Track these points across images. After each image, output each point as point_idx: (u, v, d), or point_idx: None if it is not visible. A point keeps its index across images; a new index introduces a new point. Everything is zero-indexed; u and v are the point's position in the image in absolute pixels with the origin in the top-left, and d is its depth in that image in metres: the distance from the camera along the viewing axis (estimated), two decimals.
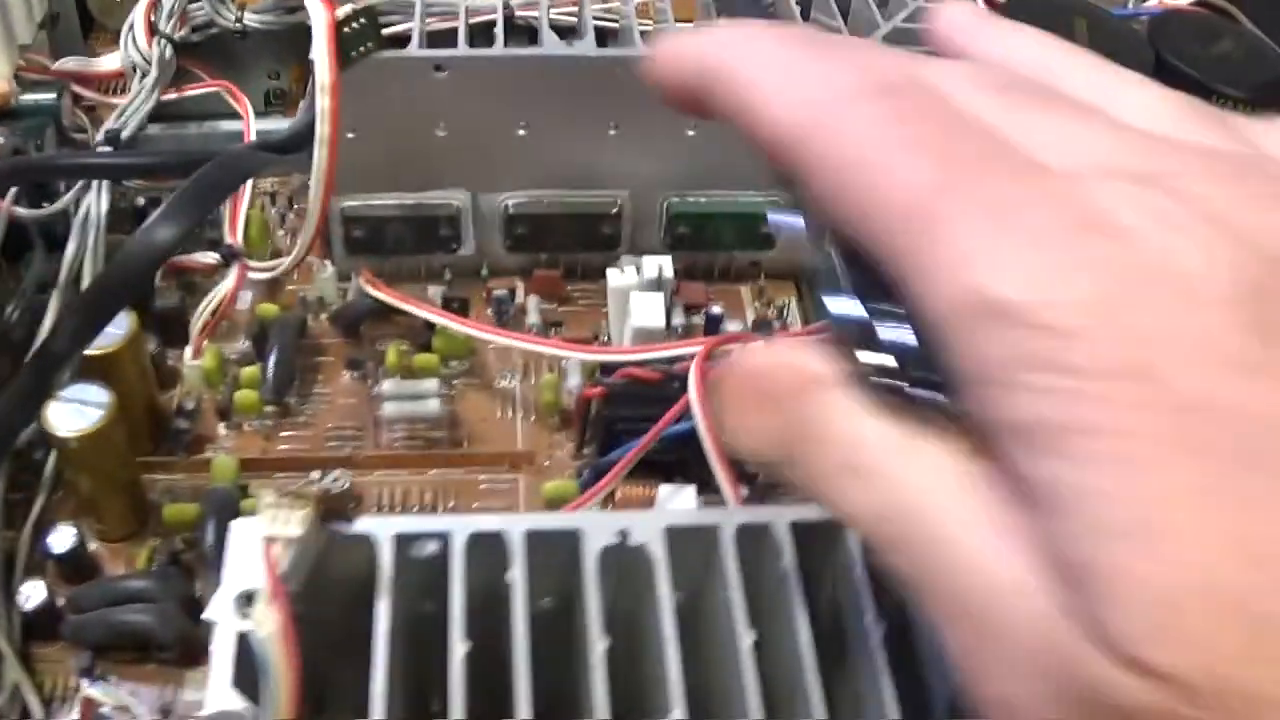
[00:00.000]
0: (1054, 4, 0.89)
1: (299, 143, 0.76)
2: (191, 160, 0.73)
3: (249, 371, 0.78)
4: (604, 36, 0.83)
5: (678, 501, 0.69)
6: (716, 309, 0.83)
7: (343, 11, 0.73)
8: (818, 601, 0.55)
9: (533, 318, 0.83)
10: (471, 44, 0.79)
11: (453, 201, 0.82)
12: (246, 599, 0.50)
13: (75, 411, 0.68)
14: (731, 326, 0.82)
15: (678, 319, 0.82)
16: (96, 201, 0.81)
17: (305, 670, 0.54)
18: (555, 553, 0.53)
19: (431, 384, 0.76)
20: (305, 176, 0.86)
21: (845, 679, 0.53)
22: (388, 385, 0.76)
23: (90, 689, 0.66)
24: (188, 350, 0.80)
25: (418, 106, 0.79)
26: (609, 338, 0.83)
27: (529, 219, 0.83)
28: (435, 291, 0.84)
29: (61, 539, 0.70)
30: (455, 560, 0.52)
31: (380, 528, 0.53)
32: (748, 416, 0.36)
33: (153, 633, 0.67)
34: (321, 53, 0.72)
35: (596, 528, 0.53)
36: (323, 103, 0.72)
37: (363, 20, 0.74)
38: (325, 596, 0.53)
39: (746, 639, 0.51)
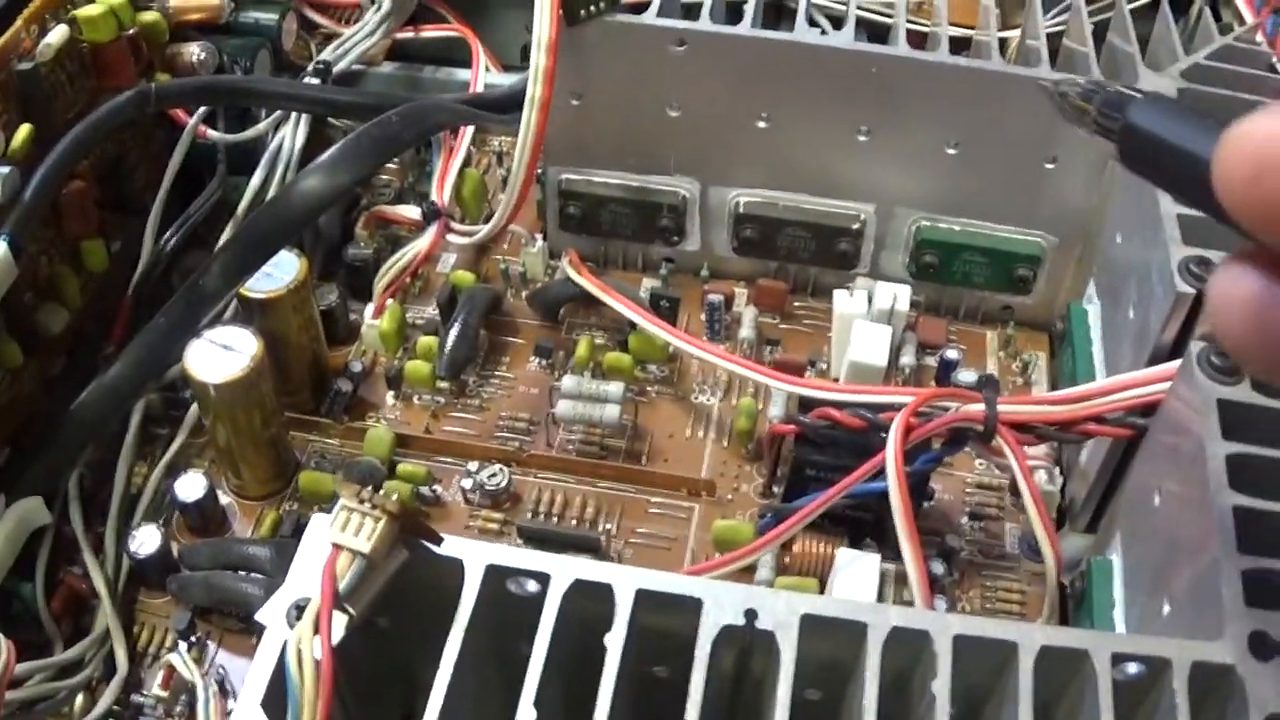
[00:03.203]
0: None
1: (514, 102, 0.69)
2: (387, 105, 0.68)
3: (426, 341, 0.72)
4: (870, 31, 0.74)
5: (856, 570, 0.61)
6: (953, 353, 0.74)
7: None
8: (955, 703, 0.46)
9: (747, 331, 0.75)
10: (718, 19, 0.70)
11: (680, 190, 0.75)
12: (298, 610, 0.44)
13: (219, 355, 0.63)
14: (966, 376, 0.72)
15: (907, 358, 0.73)
16: (293, 135, 0.76)
17: (372, 681, 0.48)
18: (668, 619, 0.46)
19: (615, 388, 0.69)
20: None
21: None
22: (567, 382, 0.69)
23: (171, 655, 0.61)
24: (369, 308, 0.74)
25: (651, 80, 0.71)
26: (827, 367, 0.74)
27: (760, 221, 0.75)
28: (647, 286, 0.77)
29: (189, 487, 0.66)
30: (546, 614, 0.45)
31: (471, 555, 0.46)
32: None
33: (255, 606, 0.61)
34: (544, 6, 0.65)
35: (720, 601, 0.45)
36: (539, 60, 0.66)
37: None
38: (416, 605, 0.47)
39: None
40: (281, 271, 0.66)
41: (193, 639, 0.63)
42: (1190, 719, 0.44)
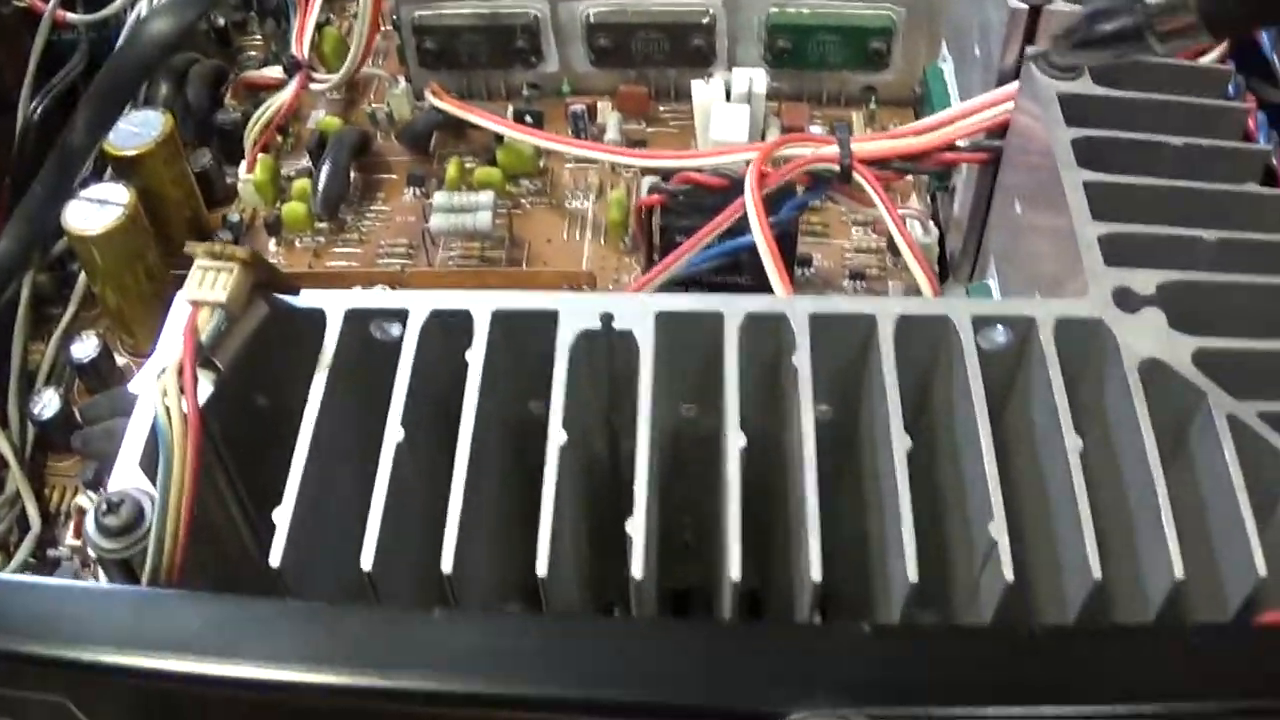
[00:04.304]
0: None
1: None
2: None
3: (300, 184, 0.73)
4: None
5: None
6: (816, 129, 0.75)
7: None
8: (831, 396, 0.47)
9: (612, 134, 0.76)
10: None
11: (529, 10, 0.75)
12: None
13: (96, 209, 0.64)
14: None
15: (772, 138, 0.74)
16: (150, 5, 0.76)
17: (245, 457, 0.49)
18: (527, 337, 0.47)
19: (485, 196, 0.70)
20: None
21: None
22: (438, 198, 0.70)
23: (79, 499, 0.62)
24: (243, 165, 0.74)
25: None
26: None
27: (612, 29, 0.76)
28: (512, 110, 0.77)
29: (84, 348, 0.66)
30: (408, 341, 0.46)
31: (331, 302, 0.47)
32: None
33: None
34: None
35: (575, 310, 0.46)
36: None
37: None
38: (291, 380, 0.47)
39: (738, 441, 0.44)
40: (148, 128, 0.68)
41: (101, 490, 0.63)
42: (1061, 373, 0.45)
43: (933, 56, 0.75)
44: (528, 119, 0.75)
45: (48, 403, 0.65)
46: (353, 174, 0.75)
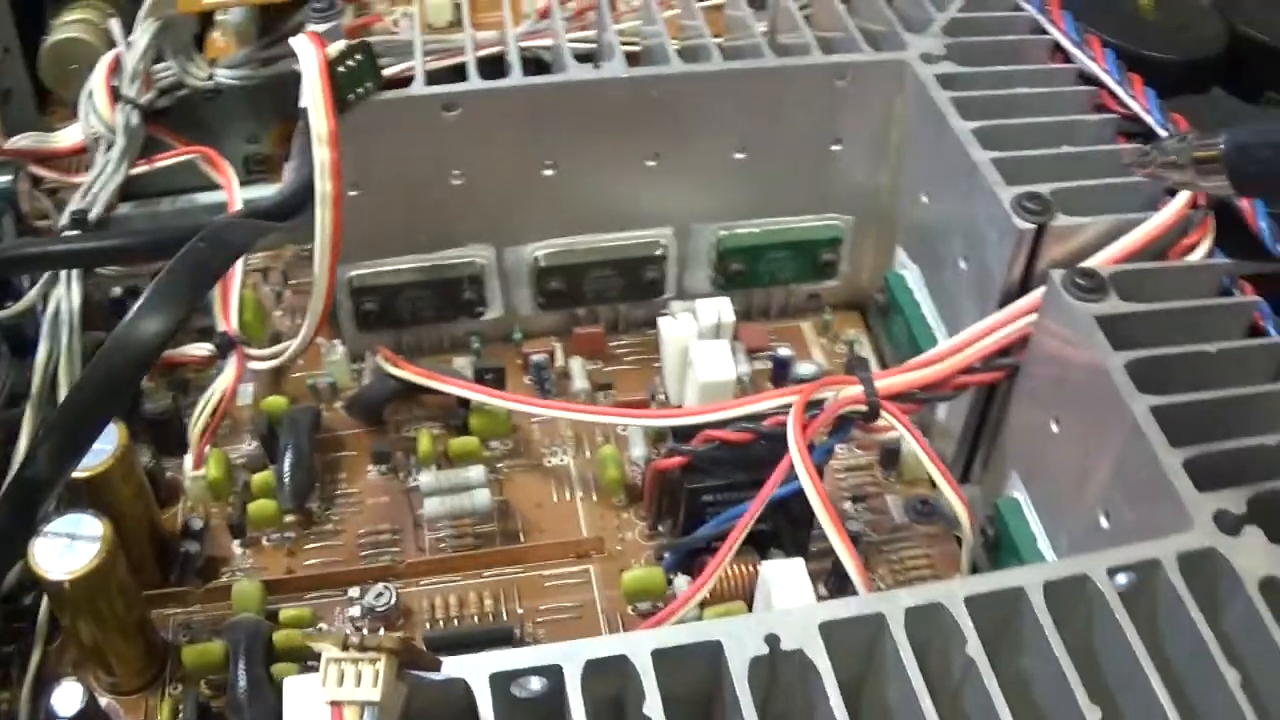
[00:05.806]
0: None
1: (295, 206, 0.65)
2: (172, 237, 0.61)
3: (261, 478, 0.67)
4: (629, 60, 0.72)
5: (787, 576, 0.58)
6: (784, 351, 0.74)
7: (335, 49, 0.63)
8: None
9: (579, 383, 0.73)
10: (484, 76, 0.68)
11: (475, 259, 0.72)
12: None
13: (65, 548, 0.57)
14: (802, 368, 0.73)
15: (742, 367, 0.72)
16: (68, 296, 0.69)
17: None
18: (693, 671, 0.43)
19: (477, 472, 0.66)
20: (299, 247, 0.77)
21: None
22: (425, 479, 0.66)
23: None
24: (188, 460, 0.68)
25: (428, 153, 0.69)
26: (665, 396, 0.73)
27: (563, 270, 0.73)
28: (464, 364, 0.74)
29: (67, 698, 0.58)
30: (572, 698, 0.42)
31: (473, 669, 0.43)
32: None
33: None
34: (316, 97, 0.62)
35: (738, 636, 0.43)
36: (322, 155, 0.62)
37: (359, 57, 0.64)
38: None
39: None
40: (101, 442, 0.61)
41: None
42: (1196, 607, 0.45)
43: (882, 263, 0.74)
44: (489, 376, 0.71)
45: None
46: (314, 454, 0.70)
